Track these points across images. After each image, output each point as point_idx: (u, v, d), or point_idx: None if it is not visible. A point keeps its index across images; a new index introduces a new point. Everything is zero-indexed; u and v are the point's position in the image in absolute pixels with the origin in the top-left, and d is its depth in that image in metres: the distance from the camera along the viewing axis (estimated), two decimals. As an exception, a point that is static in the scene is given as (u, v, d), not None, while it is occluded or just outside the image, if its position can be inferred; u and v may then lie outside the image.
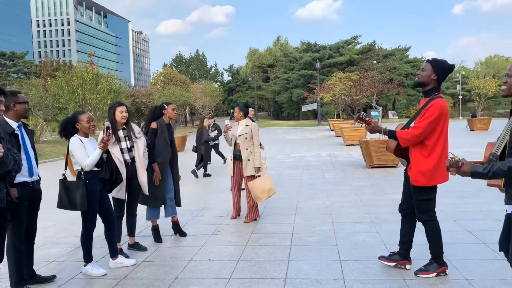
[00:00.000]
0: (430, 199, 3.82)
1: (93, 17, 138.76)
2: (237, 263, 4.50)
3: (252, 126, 6.27)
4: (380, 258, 4.25)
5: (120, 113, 4.82)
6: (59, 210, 4.39)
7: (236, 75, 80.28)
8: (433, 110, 3.62)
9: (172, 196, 5.54)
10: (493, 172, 2.49)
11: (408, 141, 3.70)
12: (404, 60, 54.12)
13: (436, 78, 3.74)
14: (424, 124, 3.62)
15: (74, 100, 14.09)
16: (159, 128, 5.38)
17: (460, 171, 2.57)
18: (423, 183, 3.71)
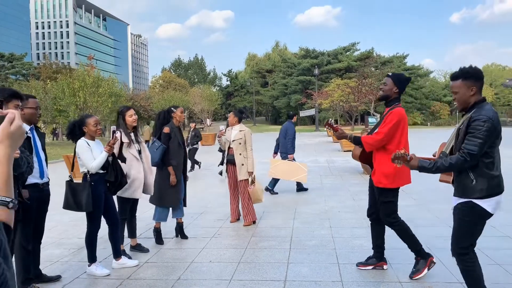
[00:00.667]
0: (393, 201, 4.08)
1: (92, 20, 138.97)
2: (237, 265, 4.62)
3: (246, 131, 6.41)
4: (358, 265, 4.39)
5: (130, 116, 4.99)
6: (62, 211, 4.50)
7: (234, 80, 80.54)
8: (392, 117, 3.95)
9: (182, 197, 5.69)
10: (437, 167, 2.91)
11: (372, 145, 4.01)
12: (402, 67, 54.47)
13: (397, 90, 4.09)
14: (385, 130, 3.92)
15: (75, 103, 14.19)
16: (172, 132, 5.51)
17: (409, 164, 2.96)
18: (386, 184, 3.97)
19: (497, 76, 67.11)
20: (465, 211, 2.94)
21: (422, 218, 6.38)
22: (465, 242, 2.99)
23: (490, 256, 4.55)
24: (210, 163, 15.72)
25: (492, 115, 2.82)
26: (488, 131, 2.77)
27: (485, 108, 2.88)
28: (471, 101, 2.97)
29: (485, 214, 2.93)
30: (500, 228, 5.58)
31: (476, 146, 2.77)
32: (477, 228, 2.97)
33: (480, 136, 2.77)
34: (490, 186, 2.86)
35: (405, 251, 4.64)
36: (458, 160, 2.83)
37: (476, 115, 2.84)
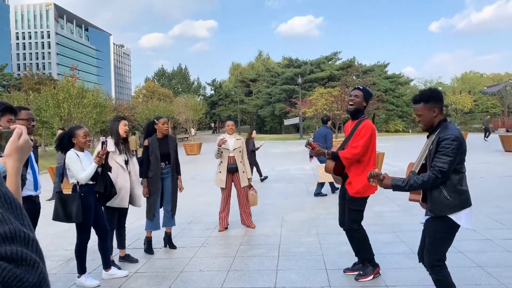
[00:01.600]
0: (362, 210, 4.27)
1: (74, 30, 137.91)
2: (227, 273, 4.67)
3: (242, 139, 6.65)
4: (345, 271, 4.49)
5: (124, 126, 5.06)
6: (47, 223, 4.51)
7: (218, 89, 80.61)
8: (366, 130, 4.14)
9: (169, 208, 5.70)
10: (410, 185, 3.07)
11: (350, 159, 4.16)
12: (383, 76, 55.23)
13: (365, 104, 4.30)
14: (362, 143, 4.09)
15: (59, 115, 14.06)
16: (150, 145, 5.57)
17: (382, 183, 3.12)
18: (362, 194, 4.15)
19: (475, 84, 68.57)
20: (438, 225, 3.08)
21: (406, 223, 6.52)
22: (440, 254, 3.11)
23: (472, 259, 4.69)
24: (197, 172, 15.72)
25: (458, 134, 2.99)
26: (456, 149, 2.93)
27: (450, 127, 3.06)
28: (434, 121, 3.14)
29: (456, 227, 3.08)
30: (482, 232, 5.75)
31: (446, 164, 2.93)
32: (450, 239, 3.11)
33: (449, 154, 2.93)
34: (462, 200, 3.02)
35: (392, 256, 4.77)
36: (430, 178, 2.97)
37: (445, 134, 2.99)
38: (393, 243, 5.53)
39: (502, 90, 40.19)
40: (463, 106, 32.32)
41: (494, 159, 15.50)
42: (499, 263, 4.56)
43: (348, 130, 4.39)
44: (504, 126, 39.34)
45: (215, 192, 10.76)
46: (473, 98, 39.36)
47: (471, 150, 3.17)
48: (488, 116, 35.52)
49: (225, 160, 6.55)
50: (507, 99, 21.29)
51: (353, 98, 4.26)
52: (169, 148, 5.70)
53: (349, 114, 4.40)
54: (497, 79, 72.14)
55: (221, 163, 6.59)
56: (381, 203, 8.12)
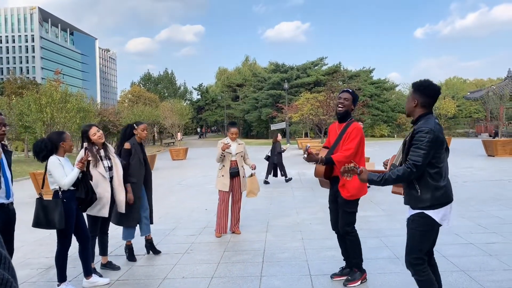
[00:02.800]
0: (355, 212, 4.31)
1: (58, 34, 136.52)
2: (211, 280, 4.62)
3: (243, 144, 6.78)
4: (332, 277, 4.48)
5: (93, 135, 4.89)
6: (28, 230, 4.41)
7: (205, 94, 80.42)
8: (357, 132, 4.18)
9: (147, 214, 5.61)
10: (385, 179, 3.03)
11: (344, 162, 4.08)
12: (368, 81, 55.75)
13: (353, 107, 4.34)
14: (353, 145, 4.13)
15: (41, 119, 13.84)
16: (132, 148, 5.47)
17: (360, 177, 3.09)
18: (355, 196, 4.17)
19: (458, 89, 69.64)
20: (417, 222, 3.03)
21: (391, 228, 6.55)
22: (419, 252, 3.05)
23: (455, 263, 4.72)
24: (182, 177, 15.61)
25: (433, 126, 2.92)
26: (430, 141, 2.87)
27: (428, 120, 3.00)
28: (414, 112, 3.11)
29: (434, 224, 3.01)
30: (464, 236, 5.80)
31: (420, 157, 2.87)
32: (429, 237, 3.06)
33: (423, 147, 2.87)
34: (435, 196, 2.94)
35: (377, 261, 4.77)
36: (405, 172, 2.92)
37: (419, 127, 2.95)
38: (377, 248, 5.54)
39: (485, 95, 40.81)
40: (447, 111, 32.72)
41: (477, 164, 15.71)
42: (481, 267, 4.59)
43: (334, 133, 4.38)
44: (487, 131, 39.96)
45: (200, 197, 10.70)
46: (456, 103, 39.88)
47: (454, 155, 3.12)
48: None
49: (227, 164, 6.51)
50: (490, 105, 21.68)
51: (342, 101, 4.27)
52: (145, 154, 5.63)
53: (338, 117, 4.39)
54: (480, 85, 73.38)
55: (223, 167, 6.54)
56: (365, 208, 8.14)
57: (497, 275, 4.34)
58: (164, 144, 51.41)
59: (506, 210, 7.47)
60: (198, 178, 15.36)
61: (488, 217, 6.98)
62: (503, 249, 5.21)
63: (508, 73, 41.47)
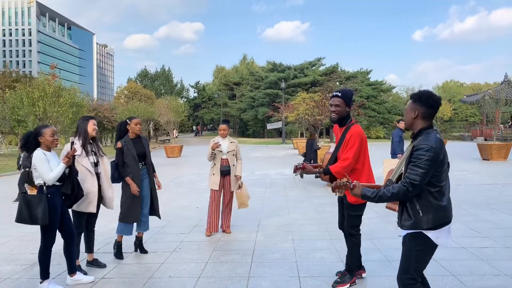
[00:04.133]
0: (361, 215, 4.23)
1: (56, 29, 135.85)
2: (197, 280, 4.53)
3: (236, 142, 6.66)
4: (337, 274, 4.40)
5: (93, 125, 4.92)
6: (13, 225, 4.31)
7: (202, 92, 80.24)
8: (355, 140, 4.03)
9: (147, 211, 5.53)
10: (379, 196, 2.85)
11: (342, 173, 4.00)
12: (365, 82, 55.75)
13: (349, 109, 4.19)
14: (351, 155, 4.01)
15: (34, 113, 13.69)
16: (124, 146, 5.39)
17: (352, 192, 2.92)
18: (360, 201, 4.07)
19: (455, 93, 69.80)
20: (415, 241, 2.85)
21: (383, 230, 6.48)
22: (414, 273, 2.88)
23: (445, 267, 4.66)
24: (175, 175, 15.52)
25: (434, 144, 2.74)
26: (430, 160, 2.71)
27: (429, 136, 2.81)
28: (415, 124, 2.93)
29: (434, 246, 2.86)
30: (456, 240, 5.74)
31: (418, 176, 2.71)
32: (426, 258, 2.89)
33: (421, 166, 2.71)
34: (437, 217, 2.78)
35: (367, 263, 4.69)
36: (400, 190, 2.76)
37: (420, 143, 2.78)
38: (368, 250, 5.46)
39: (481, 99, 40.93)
40: (443, 114, 32.72)
41: (471, 168, 15.70)
42: (472, 272, 4.53)
43: (337, 134, 4.30)
44: (483, 135, 40.06)
45: (192, 195, 10.61)
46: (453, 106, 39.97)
47: (449, 158, 2.96)
48: None
49: (218, 163, 6.44)
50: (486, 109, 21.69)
51: (334, 109, 4.15)
52: (144, 148, 5.55)
53: (335, 123, 4.29)
54: (476, 89, 73.65)
55: (214, 165, 6.47)
56: (358, 209, 8.07)
57: (488, 280, 4.28)
58: (160, 141, 51.22)
59: (499, 214, 7.43)
60: (192, 176, 15.27)
61: (481, 221, 6.93)
62: (494, 253, 5.15)
63: (504, 77, 41.59)
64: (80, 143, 4.81)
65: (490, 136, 35.73)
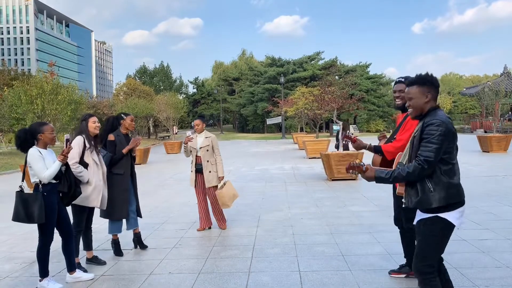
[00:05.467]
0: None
1: (54, 26, 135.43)
2: (197, 275, 4.51)
3: (212, 137, 6.45)
4: (390, 273, 4.29)
5: (93, 123, 4.90)
6: (14, 224, 4.29)
7: (201, 88, 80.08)
8: (413, 122, 3.83)
9: (134, 208, 5.50)
10: (394, 177, 2.80)
11: (393, 153, 3.89)
12: (364, 76, 55.63)
13: None
14: (406, 136, 3.82)
15: (32, 111, 13.66)
16: (117, 139, 5.36)
17: (364, 175, 2.85)
18: None
19: (455, 85, 69.82)
20: (431, 226, 2.80)
21: (384, 224, 6.46)
22: (432, 259, 2.83)
23: (446, 260, 4.62)
24: (175, 171, 15.49)
25: (445, 119, 2.74)
26: (442, 135, 2.69)
27: (438, 113, 2.81)
28: (425, 107, 2.88)
29: (451, 227, 2.80)
30: (457, 232, 5.71)
31: (432, 152, 2.68)
32: (444, 242, 2.84)
33: (434, 141, 2.68)
34: (450, 194, 2.73)
35: (368, 258, 4.67)
36: (416, 168, 2.71)
37: (430, 119, 2.77)
38: (368, 243, 5.45)
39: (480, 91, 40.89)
40: (443, 106, 32.77)
41: (471, 160, 15.67)
42: (473, 264, 4.51)
43: (398, 123, 4.19)
44: (482, 127, 40.03)
45: (191, 191, 10.56)
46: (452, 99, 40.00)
47: None
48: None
49: (194, 159, 6.43)
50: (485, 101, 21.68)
51: (398, 95, 4.08)
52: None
53: (398, 108, 4.21)
54: (476, 81, 73.54)
55: (192, 162, 6.46)
56: (358, 203, 8.06)
57: (489, 272, 4.26)
58: (159, 137, 51.20)
59: (500, 206, 7.41)
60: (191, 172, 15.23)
61: (481, 213, 6.91)
62: (495, 246, 5.13)
63: (504, 69, 41.46)
64: (85, 138, 4.81)
65: (490, 128, 35.69)
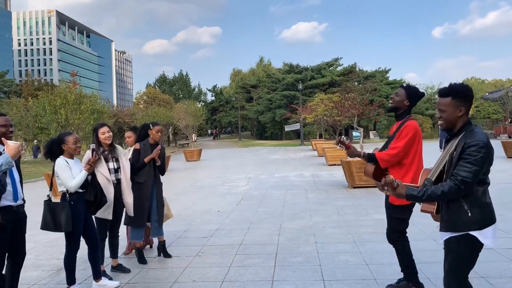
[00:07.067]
0: (404, 219, 3.92)
1: (75, 37, 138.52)
2: (221, 284, 4.52)
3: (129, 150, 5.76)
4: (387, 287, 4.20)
5: (102, 134, 4.88)
6: (41, 232, 4.37)
7: (219, 95, 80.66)
8: (408, 130, 3.79)
9: (157, 217, 5.54)
10: (428, 195, 2.65)
11: (387, 161, 3.84)
12: (384, 81, 55.19)
13: (409, 104, 3.92)
14: (401, 144, 3.77)
15: (56, 121, 13.98)
16: (142, 149, 5.43)
17: (395, 192, 2.69)
18: (400, 202, 3.79)
19: (477, 90, 68.43)
20: (463, 245, 2.72)
21: (408, 232, 6.34)
22: (463, 278, 2.77)
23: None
24: (195, 179, 15.59)
25: (487, 140, 2.64)
26: (484, 157, 2.60)
27: (476, 132, 2.69)
28: (458, 122, 2.77)
29: (480, 246, 2.74)
30: (484, 241, 5.59)
31: (471, 173, 2.57)
32: (474, 262, 2.78)
33: (475, 163, 2.58)
34: (485, 215, 2.68)
35: (393, 267, 4.61)
36: (452, 188, 2.60)
37: (472, 140, 2.63)
38: (393, 252, 5.33)
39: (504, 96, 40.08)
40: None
41: (495, 166, 15.25)
42: (502, 274, 4.41)
43: (392, 131, 4.09)
44: (506, 132, 39.15)
45: (213, 199, 10.64)
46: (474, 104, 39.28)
47: None
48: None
49: None
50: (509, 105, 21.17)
51: (392, 96, 4.00)
52: (160, 155, 5.56)
53: (389, 112, 4.14)
54: (498, 85, 72.11)
55: None
56: (381, 211, 7.92)
57: (519, 283, 4.15)
58: (179, 145, 51.62)
59: (528, 214, 7.22)
60: (211, 179, 15.31)
61: (508, 221, 6.75)
62: (525, 255, 5.00)
63: (528, 72, 40.54)
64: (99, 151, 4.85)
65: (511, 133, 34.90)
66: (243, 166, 20.85)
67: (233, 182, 14.25)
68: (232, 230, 7.04)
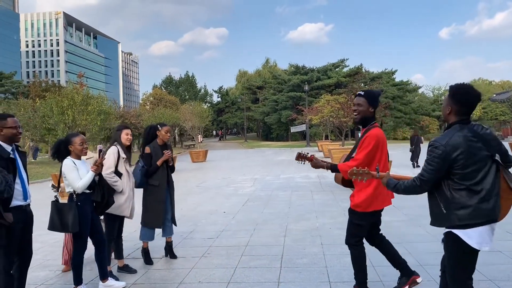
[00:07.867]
0: (362, 225, 3.88)
1: (82, 38, 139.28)
2: (227, 285, 4.52)
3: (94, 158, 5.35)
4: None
5: (126, 135, 5.04)
6: (48, 232, 4.40)
7: (225, 96, 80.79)
8: (369, 141, 3.69)
9: (169, 216, 5.57)
10: (396, 188, 2.88)
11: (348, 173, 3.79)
12: (390, 83, 55.06)
13: (373, 109, 3.85)
14: (362, 156, 3.68)
15: (63, 122, 14.07)
16: (152, 152, 5.44)
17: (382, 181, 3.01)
18: (363, 209, 3.79)
19: (484, 91, 67.97)
20: (450, 242, 2.71)
21: (413, 233, 6.34)
22: (460, 281, 2.73)
23: (482, 272, 4.51)
24: (201, 180, 15.61)
25: (448, 141, 2.61)
26: (438, 158, 2.61)
27: (449, 132, 2.70)
28: (448, 120, 2.80)
29: (466, 248, 2.63)
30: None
31: (426, 172, 2.66)
32: (463, 264, 2.71)
33: (429, 162, 2.65)
34: (463, 215, 2.59)
35: (427, 256, 4.58)
36: (411, 185, 2.75)
37: (433, 140, 2.72)
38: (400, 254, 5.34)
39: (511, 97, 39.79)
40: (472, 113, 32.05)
41: (503, 167, 15.21)
42: (509, 277, 4.38)
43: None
44: (514, 133, 38.86)
45: (218, 200, 10.65)
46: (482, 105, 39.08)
47: None
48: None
49: None
50: (517, 107, 21.09)
51: (356, 108, 3.90)
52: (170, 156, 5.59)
53: (356, 123, 4.03)
54: (506, 86, 71.63)
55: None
56: (387, 213, 7.89)
57: (527, 286, 4.12)
58: (185, 146, 51.75)
59: (536, 216, 7.16)
60: (217, 180, 15.33)
61: (516, 223, 6.69)
62: (533, 257, 4.96)
63: (536, 74, 40.25)
64: (120, 148, 4.93)
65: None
66: (249, 167, 20.87)
67: (239, 183, 14.27)
68: (238, 231, 7.05)
